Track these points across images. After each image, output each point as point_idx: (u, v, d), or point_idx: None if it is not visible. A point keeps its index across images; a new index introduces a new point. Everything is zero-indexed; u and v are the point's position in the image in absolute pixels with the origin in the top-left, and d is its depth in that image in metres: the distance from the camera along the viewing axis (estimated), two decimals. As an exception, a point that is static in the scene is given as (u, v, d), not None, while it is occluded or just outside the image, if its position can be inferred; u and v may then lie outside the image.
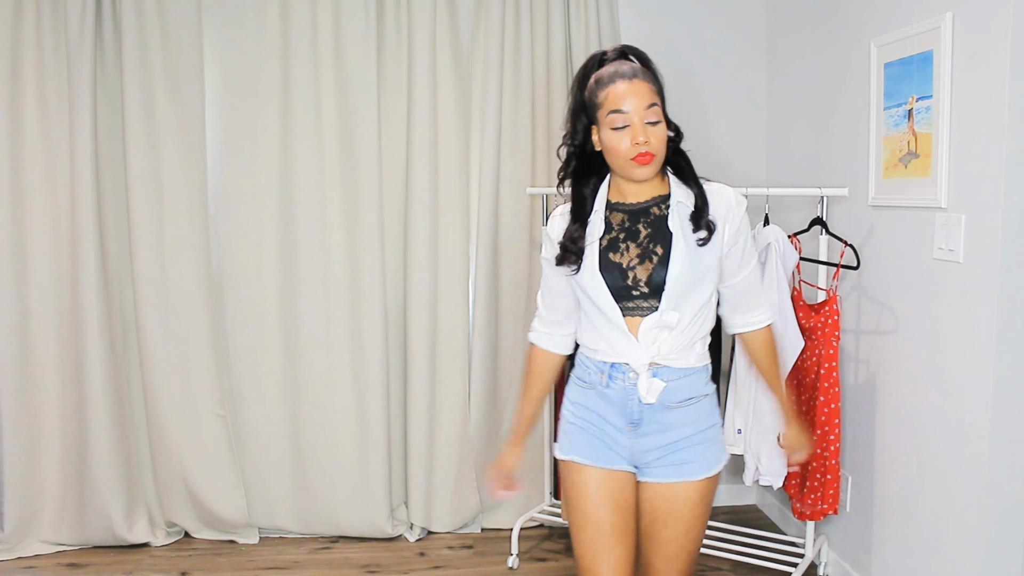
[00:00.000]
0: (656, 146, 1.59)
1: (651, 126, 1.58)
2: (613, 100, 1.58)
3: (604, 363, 1.68)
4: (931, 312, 2.20)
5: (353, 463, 3.11)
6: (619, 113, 1.57)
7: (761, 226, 2.56)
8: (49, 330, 2.96)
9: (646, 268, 1.63)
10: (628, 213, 1.68)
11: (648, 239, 1.64)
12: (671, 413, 1.67)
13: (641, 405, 1.66)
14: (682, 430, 1.68)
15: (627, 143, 1.58)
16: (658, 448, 1.68)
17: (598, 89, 1.61)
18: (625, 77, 1.59)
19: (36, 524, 3.03)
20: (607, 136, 1.60)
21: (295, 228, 3.06)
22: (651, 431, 1.67)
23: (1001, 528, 2.01)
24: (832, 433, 2.49)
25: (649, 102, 1.58)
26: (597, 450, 1.70)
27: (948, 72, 2.07)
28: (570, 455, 1.72)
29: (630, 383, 1.66)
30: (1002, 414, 1.97)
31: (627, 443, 1.69)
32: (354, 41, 2.99)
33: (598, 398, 1.70)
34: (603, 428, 1.70)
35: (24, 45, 2.88)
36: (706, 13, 3.26)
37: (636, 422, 1.68)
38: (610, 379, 1.68)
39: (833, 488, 2.51)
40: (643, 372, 1.64)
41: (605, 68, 1.63)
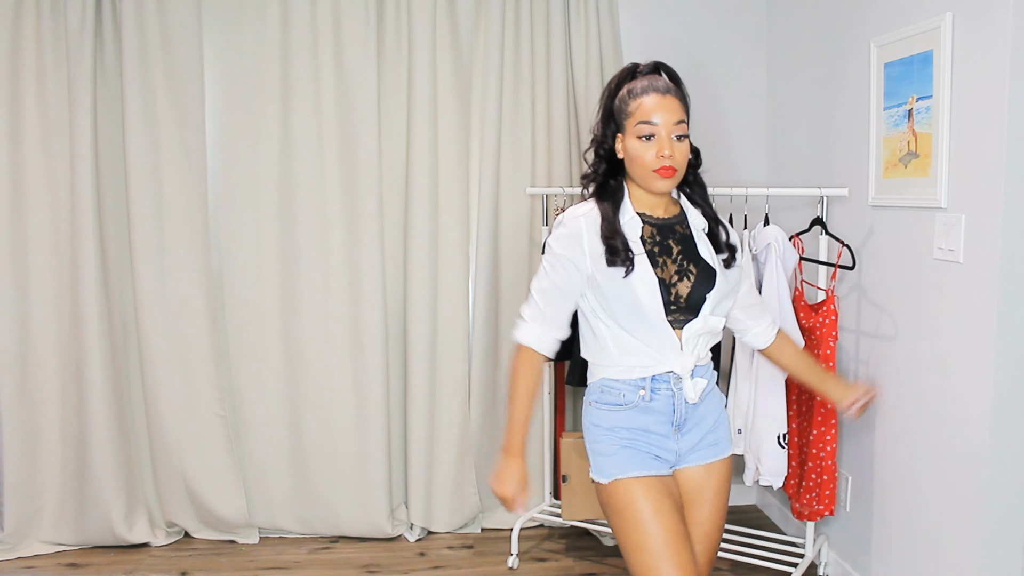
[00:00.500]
0: (680, 161, 1.65)
1: (677, 141, 1.64)
2: (644, 111, 1.63)
3: (644, 379, 1.69)
4: (931, 312, 2.20)
5: (353, 463, 3.11)
6: (648, 124, 1.63)
7: (761, 226, 2.56)
8: (49, 330, 2.96)
9: (685, 285, 1.68)
10: (657, 227, 1.71)
11: (681, 256, 1.70)
12: (701, 407, 1.76)
13: (685, 407, 1.72)
14: (711, 416, 1.78)
15: (652, 154, 1.63)
16: (699, 439, 1.76)
17: (630, 99, 1.66)
18: (658, 91, 1.64)
19: (36, 524, 3.03)
20: (633, 145, 1.65)
21: (295, 228, 3.06)
22: (692, 427, 1.75)
23: (1001, 528, 2.01)
24: (828, 434, 2.49)
25: (678, 118, 1.64)
26: (648, 463, 1.70)
27: (948, 72, 2.07)
28: (624, 473, 1.67)
29: (675, 387, 1.70)
30: (1002, 414, 1.97)
31: (674, 446, 1.73)
32: (354, 41, 2.99)
33: (640, 414, 1.70)
34: (650, 440, 1.71)
35: (24, 45, 2.88)
36: (706, 12, 3.26)
37: (680, 424, 1.73)
38: (653, 392, 1.69)
39: (829, 489, 2.51)
40: (686, 376, 1.70)
41: (638, 80, 1.68)
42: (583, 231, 1.67)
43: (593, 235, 1.66)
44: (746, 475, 2.58)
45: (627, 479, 1.67)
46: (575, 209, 1.72)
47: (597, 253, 1.65)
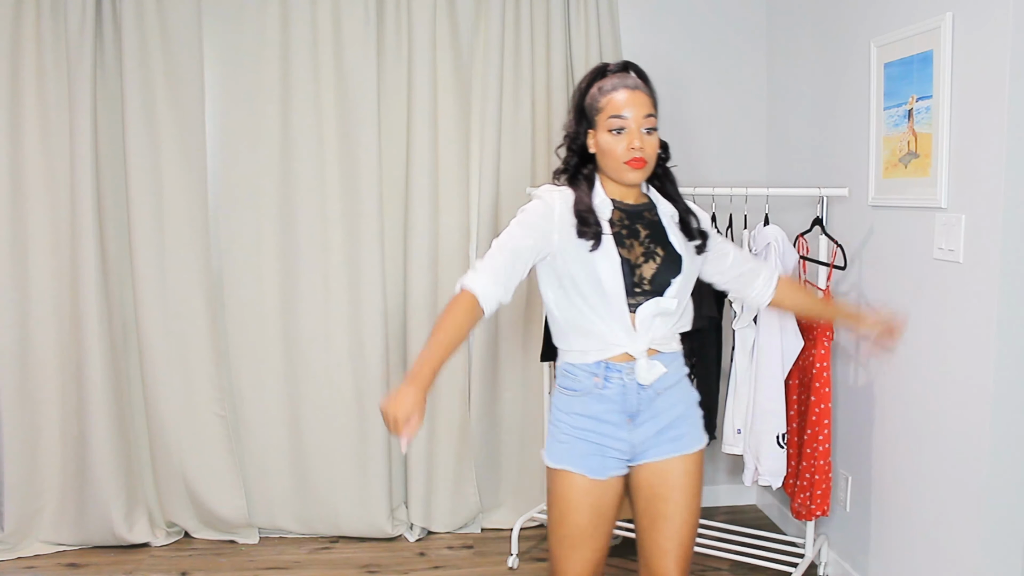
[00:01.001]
0: (649, 153, 1.70)
1: (647, 134, 1.70)
2: (615, 106, 1.69)
3: (598, 364, 1.72)
4: (931, 312, 2.20)
5: (353, 463, 3.11)
6: (619, 118, 1.69)
7: (761, 226, 2.56)
8: (49, 330, 2.96)
9: (651, 267, 1.72)
10: (626, 212, 1.76)
11: (648, 239, 1.74)
12: (662, 399, 1.76)
13: (639, 396, 1.73)
14: (673, 411, 1.77)
15: (623, 147, 1.68)
16: (655, 433, 1.76)
17: (600, 96, 1.72)
18: (628, 87, 1.71)
19: (36, 524, 3.03)
20: (604, 139, 1.71)
21: (295, 228, 3.06)
22: (647, 419, 1.75)
23: (1001, 528, 2.01)
24: (821, 433, 2.49)
25: (647, 112, 1.70)
26: (595, 462, 1.73)
27: (948, 72, 2.07)
28: (562, 464, 1.74)
29: (627, 377, 1.72)
30: (1002, 414, 1.97)
31: (627, 437, 1.74)
32: (354, 41, 2.99)
33: (594, 402, 1.73)
34: (600, 431, 1.73)
35: (24, 45, 2.88)
36: (706, 12, 3.26)
37: (634, 414, 1.74)
38: (606, 380, 1.72)
39: (821, 488, 2.51)
40: (641, 357, 1.71)
41: (609, 78, 1.75)
42: (556, 203, 1.71)
43: (566, 210, 1.70)
44: (745, 475, 2.58)
45: (571, 473, 1.73)
46: (550, 187, 1.78)
47: (568, 224, 1.68)
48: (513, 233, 1.70)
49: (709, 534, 2.92)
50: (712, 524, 3.03)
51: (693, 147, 3.28)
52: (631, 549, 3.01)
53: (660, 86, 3.35)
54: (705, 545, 2.80)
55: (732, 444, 2.60)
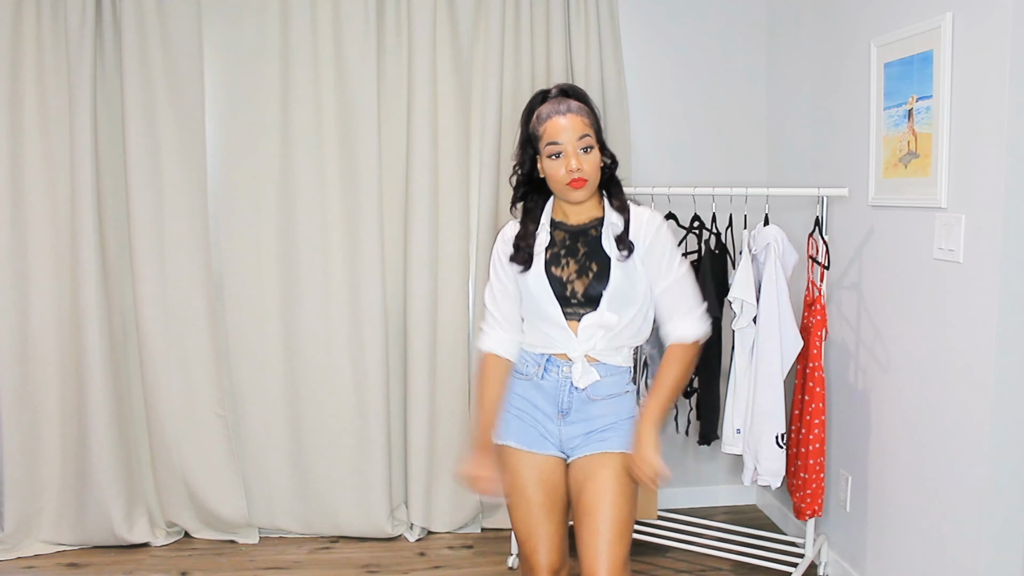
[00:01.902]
0: (589, 171, 1.81)
1: (584, 154, 1.80)
2: (550, 133, 1.81)
3: (541, 355, 1.89)
4: (931, 312, 2.20)
5: (353, 463, 3.11)
6: (555, 144, 1.80)
7: (761, 226, 2.56)
8: (49, 330, 2.96)
9: (583, 282, 1.84)
10: (569, 232, 1.90)
11: (585, 257, 1.86)
12: (595, 405, 1.87)
13: (571, 395, 1.87)
14: (604, 419, 1.87)
15: (563, 170, 1.80)
16: (583, 434, 1.87)
17: (539, 124, 1.85)
18: (560, 113, 1.81)
19: (36, 524, 3.03)
20: (547, 164, 1.84)
21: (295, 228, 3.06)
22: (577, 420, 1.87)
23: (1001, 528, 2.01)
24: (812, 433, 2.49)
25: (582, 133, 1.80)
26: (530, 437, 1.88)
27: (948, 72, 2.07)
28: (505, 440, 1.90)
29: (563, 375, 1.87)
30: (1002, 414, 1.97)
31: (556, 430, 1.89)
32: (354, 41, 2.99)
33: (533, 389, 1.90)
34: (536, 416, 1.89)
35: (24, 45, 2.88)
36: (706, 12, 3.26)
37: (565, 411, 1.88)
38: (545, 371, 1.88)
39: (812, 488, 2.52)
40: (578, 361, 1.85)
41: (545, 106, 1.86)
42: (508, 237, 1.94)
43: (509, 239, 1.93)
44: (744, 475, 2.58)
45: (510, 447, 1.89)
46: (508, 223, 1.99)
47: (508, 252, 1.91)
48: (492, 281, 1.95)
49: (709, 534, 2.92)
50: (712, 524, 3.03)
51: (693, 147, 3.28)
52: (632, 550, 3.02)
53: (660, 85, 3.35)
54: (705, 545, 2.80)
55: (732, 444, 2.60)
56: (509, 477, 1.89)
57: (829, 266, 2.51)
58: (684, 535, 2.88)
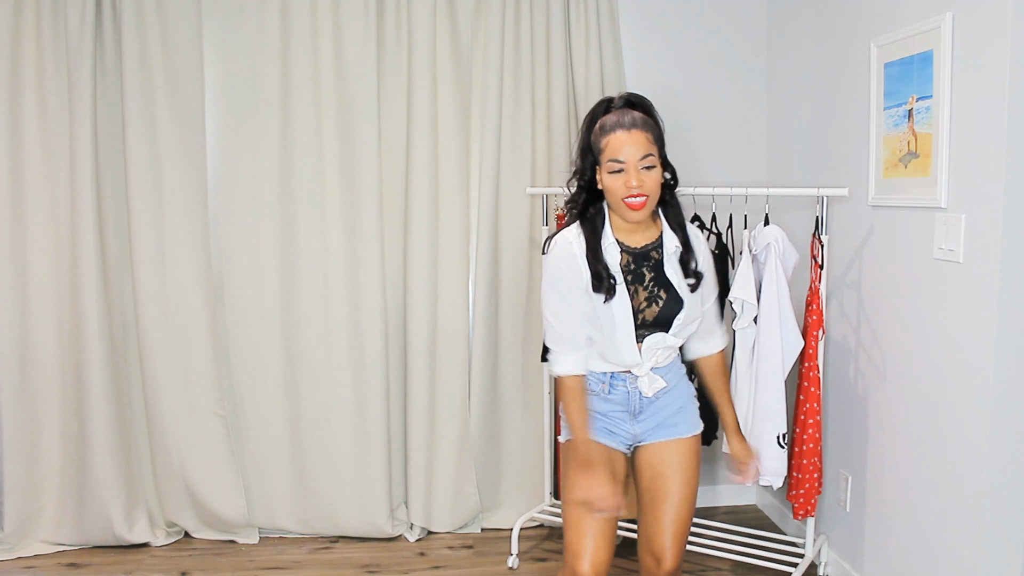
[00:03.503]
0: (650, 188, 1.78)
1: (646, 171, 1.77)
2: (612, 148, 1.77)
3: (604, 374, 1.91)
4: (931, 312, 2.20)
5: (353, 463, 3.11)
6: (616, 161, 1.77)
7: (761, 226, 2.56)
8: (49, 330, 2.96)
9: (652, 311, 1.86)
10: (632, 256, 1.87)
11: (652, 283, 1.86)
12: (662, 399, 1.94)
13: (641, 399, 1.92)
14: (671, 407, 1.95)
15: (622, 186, 1.77)
16: (655, 426, 1.95)
17: (601, 135, 1.81)
18: (624, 127, 1.78)
19: (36, 524, 3.03)
20: (606, 179, 1.81)
21: (295, 228, 3.06)
22: (648, 415, 1.94)
23: (1001, 528, 2.01)
24: (806, 432, 2.49)
25: (645, 152, 1.77)
26: (600, 432, 1.92)
27: (948, 72, 2.07)
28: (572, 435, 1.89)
29: (631, 387, 1.91)
30: (1002, 414, 1.97)
31: (630, 429, 1.94)
32: (354, 41, 2.99)
33: (600, 401, 1.93)
34: (606, 421, 1.93)
35: (24, 45, 2.88)
36: (706, 12, 3.25)
37: (636, 412, 1.94)
38: (611, 387, 1.92)
39: (805, 488, 2.52)
40: (644, 376, 1.90)
41: (609, 116, 1.82)
42: (577, 254, 1.84)
43: (583, 259, 1.84)
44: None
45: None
46: (565, 234, 1.88)
47: (587, 276, 1.83)
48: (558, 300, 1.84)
49: (709, 534, 2.92)
50: (712, 524, 3.03)
51: (693, 147, 3.28)
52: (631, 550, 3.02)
53: (660, 85, 3.35)
54: (705, 545, 2.80)
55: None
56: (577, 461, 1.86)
57: (823, 265, 2.51)
58: (684, 535, 2.88)
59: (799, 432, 2.52)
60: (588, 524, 1.84)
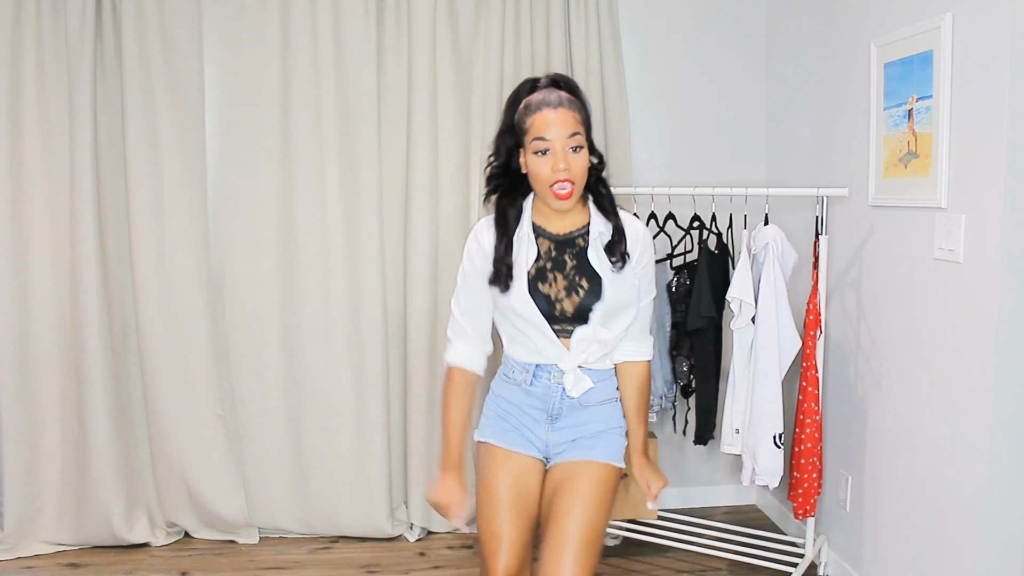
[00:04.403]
0: (576, 173, 1.68)
1: (572, 153, 1.68)
2: (538, 127, 1.67)
3: (529, 364, 1.81)
4: (931, 312, 2.20)
5: (353, 463, 3.11)
6: (542, 140, 1.67)
7: (761, 226, 2.56)
8: (49, 330, 2.96)
9: (572, 301, 1.75)
10: (554, 242, 1.78)
11: (574, 271, 1.76)
12: (586, 411, 1.82)
13: (561, 401, 1.81)
14: (593, 426, 1.82)
15: (548, 169, 1.67)
16: (571, 440, 1.82)
17: (526, 115, 1.70)
18: (551, 105, 1.67)
19: (36, 524, 3.03)
20: (531, 160, 1.70)
21: (295, 228, 3.06)
22: (566, 425, 1.82)
23: (1001, 528, 2.01)
24: (804, 432, 2.49)
25: (572, 131, 1.67)
26: (512, 437, 1.83)
27: (948, 72, 2.07)
28: (487, 438, 1.85)
29: (554, 381, 1.80)
30: (1002, 414, 1.97)
31: (544, 435, 1.83)
32: (354, 41, 2.99)
33: (521, 394, 1.83)
34: (522, 420, 1.83)
35: (24, 45, 2.88)
36: (705, 13, 3.25)
37: (555, 416, 1.82)
38: (535, 377, 1.81)
39: (804, 488, 2.52)
40: (571, 372, 1.78)
41: (535, 95, 1.72)
42: (484, 244, 1.79)
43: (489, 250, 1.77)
44: (743, 475, 2.58)
45: (488, 444, 1.84)
46: (481, 223, 1.83)
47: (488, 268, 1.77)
48: (461, 288, 1.83)
49: (709, 534, 2.92)
50: (712, 524, 3.03)
51: (693, 147, 3.27)
52: (631, 550, 3.01)
53: (659, 85, 3.34)
54: (705, 545, 2.80)
55: (730, 444, 2.60)
56: (482, 472, 1.81)
57: (818, 265, 2.51)
58: (683, 535, 2.88)
59: (798, 432, 2.52)
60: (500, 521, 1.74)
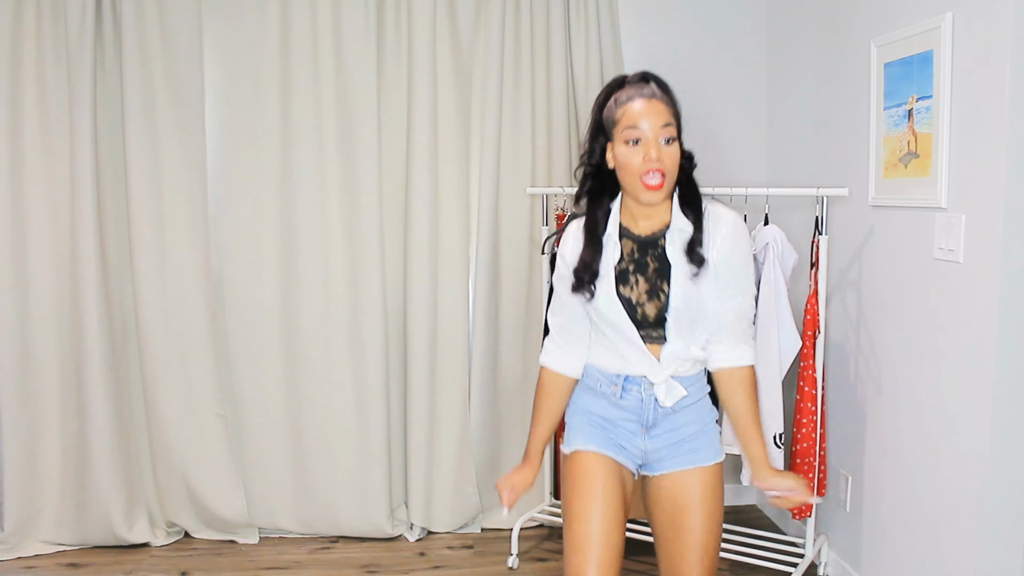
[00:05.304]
0: (668, 165, 1.63)
1: (665, 145, 1.63)
2: (630, 117, 1.63)
3: (617, 376, 1.75)
4: (931, 312, 2.20)
5: (353, 463, 3.11)
6: (634, 129, 1.62)
7: (761, 226, 2.56)
8: (49, 330, 2.96)
9: (655, 305, 1.68)
10: (638, 243, 1.72)
11: (656, 274, 1.69)
12: (680, 414, 1.75)
13: (656, 410, 1.74)
14: (690, 427, 1.76)
15: (639, 159, 1.62)
16: (670, 445, 1.75)
17: (616, 107, 1.66)
18: (643, 96, 1.64)
19: (36, 524, 3.03)
20: (621, 152, 1.65)
21: (295, 228, 3.06)
22: (663, 431, 1.75)
23: (1001, 528, 2.01)
24: (801, 432, 2.49)
25: (665, 121, 1.63)
26: (607, 443, 1.76)
27: (948, 72, 2.07)
28: (578, 446, 1.77)
29: (646, 393, 1.73)
30: (1002, 414, 1.97)
31: (641, 444, 1.76)
32: (354, 41, 2.99)
33: (611, 407, 1.77)
34: (615, 432, 1.77)
35: (24, 45, 2.88)
36: (706, 13, 3.26)
37: (650, 425, 1.75)
38: (624, 391, 1.74)
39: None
40: (662, 383, 1.72)
41: (625, 89, 1.68)
42: (570, 248, 1.75)
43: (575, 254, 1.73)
44: (743, 474, 2.58)
45: (584, 451, 1.76)
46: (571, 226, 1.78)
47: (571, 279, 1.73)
48: (557, 293, 1.79)
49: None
50: (712, 524, 3.03)
51: (693, 147, 3.25)
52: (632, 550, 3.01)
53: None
54: (705, 545, 2.79)
55: (730, 444, 2.59)
56: (574, 473, 1.74)
57: (814, 264, 2.51)
58: (684, 535, 2.88)
59: (795, 432, 2.52)
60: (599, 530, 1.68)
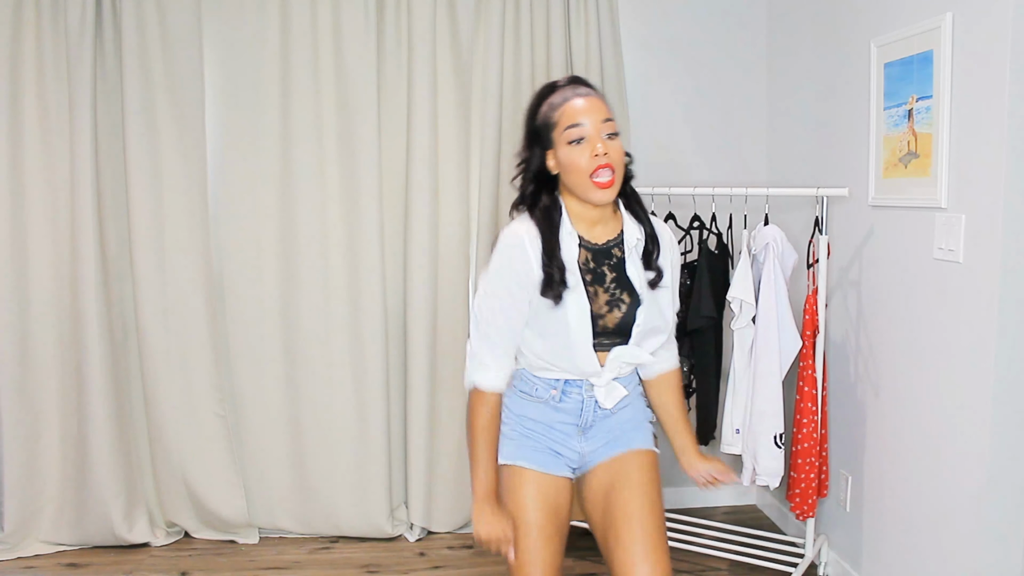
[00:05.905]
0: (616, 159, 1.59)
1: (608, 140, 1.59)
2: (570, 116, 1.59)
3: (557, 380, 1.71)
4: (931, 312, 2.20)
5: (353, 463, 3.11)
6: (577, 127, 1.58)
7: (761, 226, 2.56)
8: (49, 330, 2.96)
9: (615, 317, 1.66)
10: (592, 253, 1.67)
11: (614, 284, 1.67)
12: (616, 415, 1.76)
13: (595, 412, 1.73)
14: (624, 425, 1.77)
15: (586, 157, 1.57)
16: (604, 444, 1.75)
17: (552, 111, 1.62)
18: (580, 95, 1.61)
19: (36, 524, 3.03)
20: (564, 154, 1.60)
21: (295, 228, 3.06)
22: (598, 432, 1.75)
23: (1001, 528, 2.01)
24: (801, 432, 2.49)
25: (605, 116, 1.60)
26: (542, 457, 1.72)
27: (948, 72, 2.07)
28: (513, 460, 1.72)
29: (586, 395, 1.71)
30: (1002, 414, 1.97)
31: (577, 446, 1.74)
32: (354, 41, 2.99)
33: (548, 410, 1.73)
34: (550, 436, 1.73)
35: (24, 45, 2.88)
36: (706, 12, 3.25)
37: (586, 428, 1.74)
38: (563, 394, 1.71)
39: (801, 488, 2.52)
40: (603, 385, 1.70)
41: (557, 92, 1.65)
42: (529, 250, 1.61)
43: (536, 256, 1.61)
44: (743, 475, 2.58)
45: (517, 467, 1.71)
46: (516, 226, 1.65)
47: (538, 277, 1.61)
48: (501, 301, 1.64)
49: (709, 534, 2.92)
50: (712, 524, 3.03)
51: (693, 147, 3.27)
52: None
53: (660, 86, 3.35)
54: (705, 545, 2.80)
55: (731, 444, 2.60)
56: (511, 498, 1.69)
57: (811, 263, 2.51)
58: (683, 535, 2.88)
59: (795, 433, 2.52)
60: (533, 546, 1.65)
